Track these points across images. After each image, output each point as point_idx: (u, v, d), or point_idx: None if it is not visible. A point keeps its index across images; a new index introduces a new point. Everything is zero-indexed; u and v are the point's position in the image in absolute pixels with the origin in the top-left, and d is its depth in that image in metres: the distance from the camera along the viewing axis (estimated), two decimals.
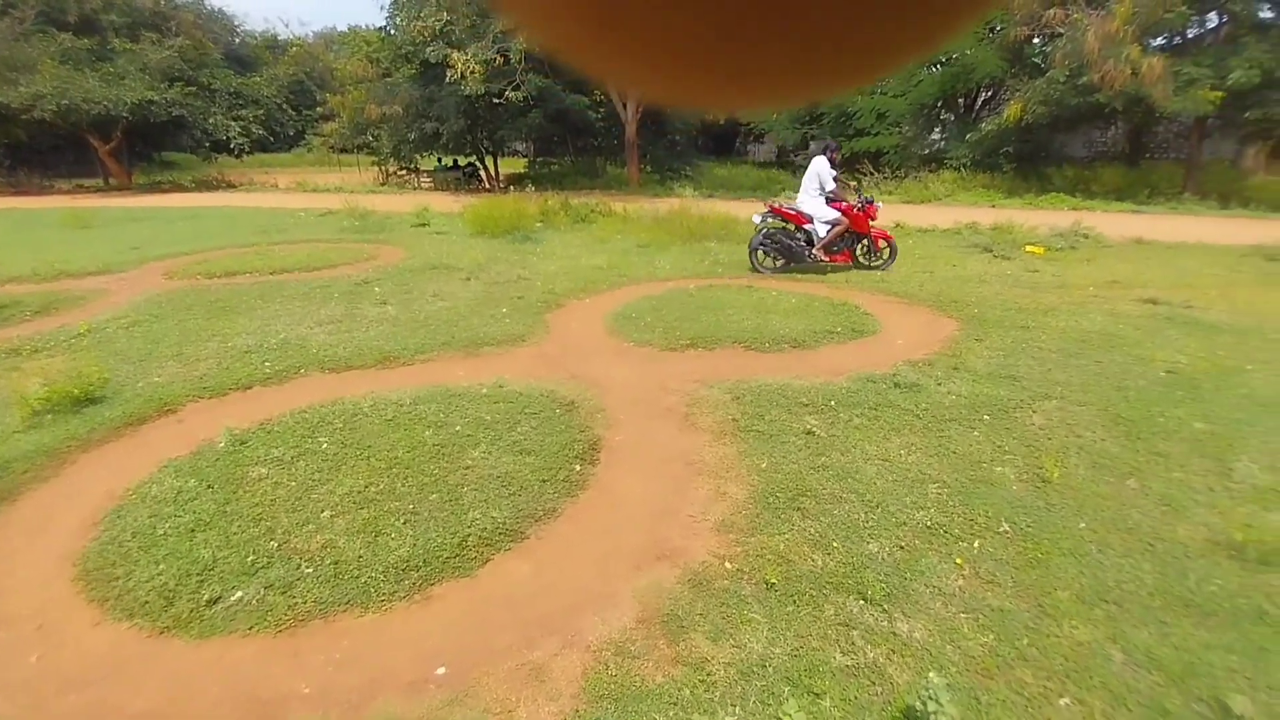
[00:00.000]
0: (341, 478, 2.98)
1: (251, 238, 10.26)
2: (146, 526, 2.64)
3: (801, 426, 3.53)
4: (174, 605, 2.23)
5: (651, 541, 2.60)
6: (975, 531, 2.60)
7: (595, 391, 4.06)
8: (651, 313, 5.81)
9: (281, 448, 3.24)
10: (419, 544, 2.50)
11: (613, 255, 8.73)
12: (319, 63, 28.46)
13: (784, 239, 7.55)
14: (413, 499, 2.82)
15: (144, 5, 20.49)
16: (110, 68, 18.50)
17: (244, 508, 2.75)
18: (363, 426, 3.50)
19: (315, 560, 2.42)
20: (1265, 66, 12.12)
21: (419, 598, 2.27)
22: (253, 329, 5.24)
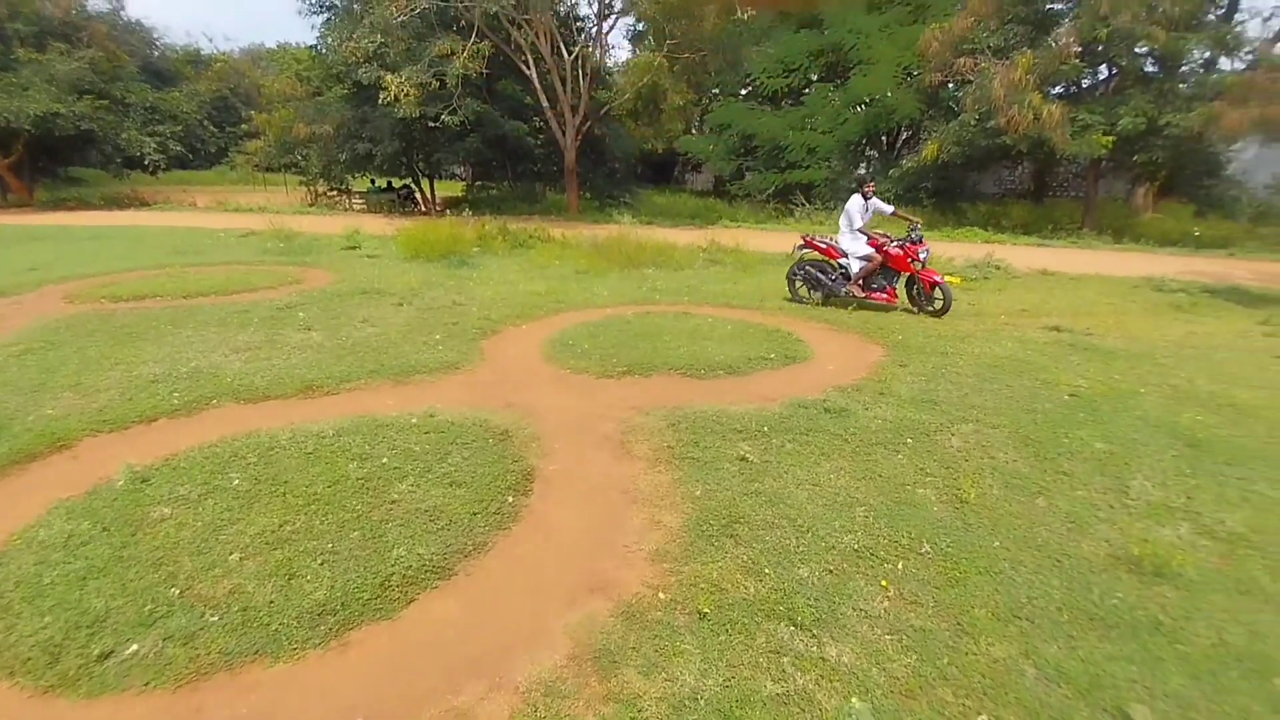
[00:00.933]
0: (254, 516, 2.81)
1: (164, 259, 9.69)
2: (31, 575, 2.40)
3: (736, 453, 3.57)
4: (60, 661, 2.03)
5: (585, 574, 2.55)
6: (899, 553, 2.68)
7: (530, 420, 4.00)
8: (589, 339, 5.80)
9: (188, 485, 3.03)
10: (337, 586, 2.37)
11: (551, 281, 8.70)
12: (245, 79, 27.45)
13: (817, 272, 7.48)
14: (332, 538, 2.68)
15: (52, 14, 19.26)
16: (13, 78, 17.25)
17: (143, 552, 2.54)
18: (279, 460, 3.31)
19: (221, 607, 2.25)
20: (1149, 115, 13.39)
21: (336, 644, 2.15)
22: (161, 357, 4.92)
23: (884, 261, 7.10)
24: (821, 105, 19.60)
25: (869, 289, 7.27)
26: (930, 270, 7.09)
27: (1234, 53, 14.50)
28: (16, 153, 18.82)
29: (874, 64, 18.37)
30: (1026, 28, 15.08)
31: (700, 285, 8.70)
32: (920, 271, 7.03)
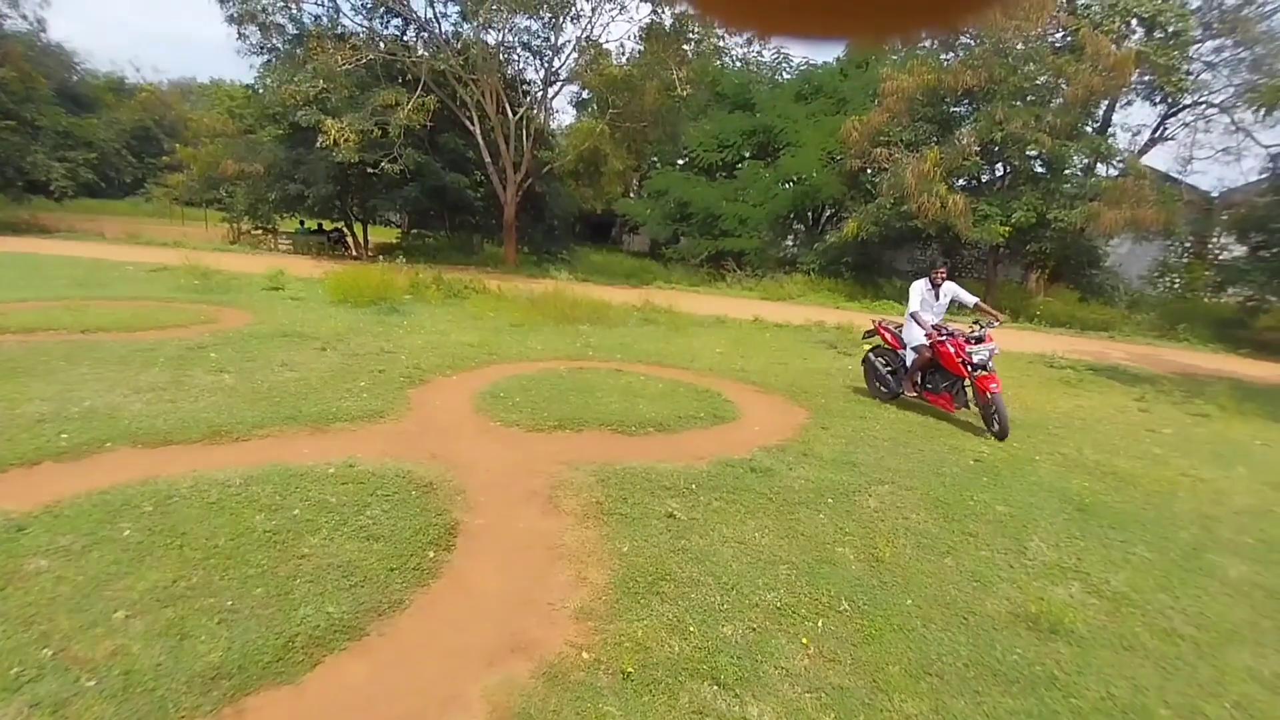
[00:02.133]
0: (145, 571, 2.58)
1: (63, 291, 9.01)
2: None
3: (664, 509, 3.59)
4: None
5: (506, 633, 2.47)
6: (820, 610, 2.74)
7: (456, 472, 3.90)
8: (520, 392, 5.76)
9: (71, 535, 2.76)
10: (234, 647, 2.20)
11: (484, 333, 8.63)
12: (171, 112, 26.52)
13: (878, 361, 6.64)
14: (232, 594, 2.49)
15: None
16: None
17: (13, 608, 2.28)
18: (178, 511, 3.08)
19: (100, 671, 2.04)
20: (1039, 210, 14.94)
21: (229, 712, 1.98)
22: (50, 394, 4.53)
23: (933, 358, 5.95)
24: (753, 180, 20.79)
25: (924, 388, 6.16)
26: (989, 376, 5.58)
27: (1108, 160, 16.52)
28: None
29: (801, 146, 19.77)
30: (934, 126, 16.71)
31: (633, 343, 8.84)
32: (976, 377, 5.61)
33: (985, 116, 15.14)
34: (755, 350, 9.13)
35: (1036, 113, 14.87)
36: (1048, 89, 15.63)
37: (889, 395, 6.46)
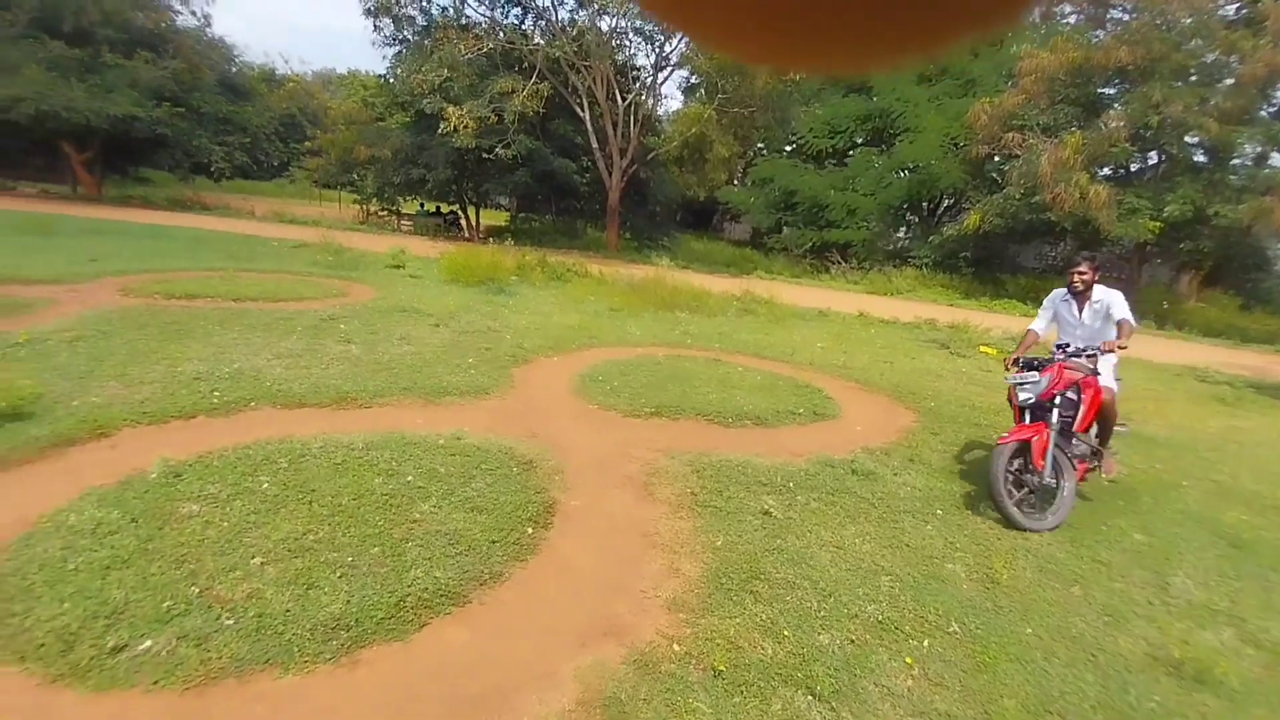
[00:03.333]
0: (279, 522, 2.83)
1: (218, 262, 10.06)
2: (56, 559, 2.43)
3: (759, 506, 3.51)
4: (73, 651, 2.03)
5: (599, 616, 2.50)
6: (925, 630, 2.58)
7: (555, 453, 3.99)
8: (618, 377, 5.82)
9: (218, 484, 3.07)
10: (353, 601, 2.36)
11: (585, 316, 8.80)
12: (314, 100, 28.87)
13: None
14: (352, 551, 2.68)
15: (144, 25, 20.62)
16: (99, 80, 18.40)
17: (168, 547, 2.57)
18: (309, 468, 3.35)
19: (238, 611, 2.26)
20: (1197, 204, 13.26)
21: (346, 661, 2.12)
22: (206, 355, 5.06)
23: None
24: (865, 168, 19.84)
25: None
26: (1039, 428, 3.64)
27: None
28: (92, 149, 19.92)
29: (920, 132, 18.61)
30: (1076, 109, 15.19)
31: (732, 333, 8.71)
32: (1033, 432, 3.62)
33: (1139, 98, 13.58)
34: (859, 346, 8.74)
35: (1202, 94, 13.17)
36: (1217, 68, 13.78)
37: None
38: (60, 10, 18.57)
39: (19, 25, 17.93)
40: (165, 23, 21.76)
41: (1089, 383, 3.79)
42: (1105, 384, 3.85)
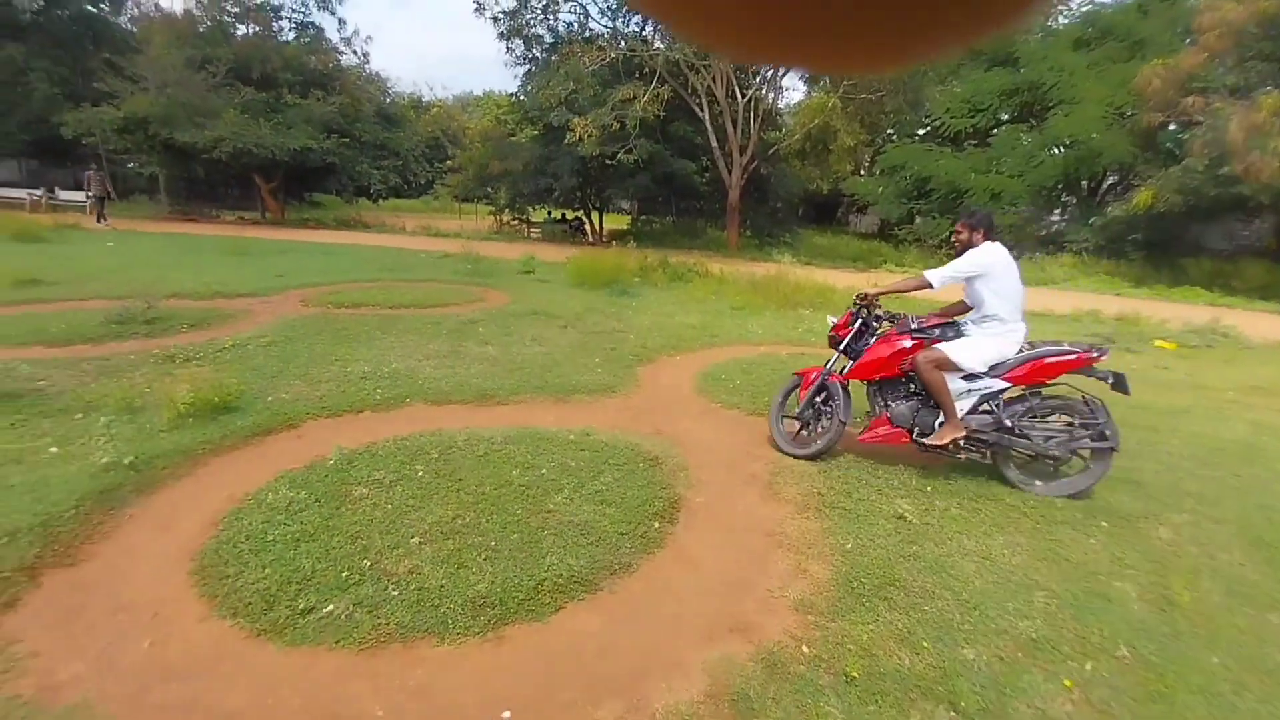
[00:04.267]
0: (432, 506, 3.12)
1: (377, 274, 11.19)
2: (259, 531, 2.85)
3: (892, 510, 3.36)
4: (273, 610, 2.38)
5: (725, 612, 2.52)
6: (1088, 652, 2.34)
7: (679, 450, 4.06)
8: (741, 375, 5.79)
9: (383, 471, 3.44)
10: (497, 582, 2.55)
11: (706, 315, 8.82)
12: (454, 122, 31.32)
13: None
14: (495, 536, 2.90)
15: (315, 67, 23.42)
16: (281, 118, 21.14)
17: (344, 524, 2.93)
18: (456, 459, 3.66)
19: (402, 584, 2.52)
20: None
21: (492, 636, 2.31)
22: (370, 357, 5.66)
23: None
24: (1011, 147, 18.19)
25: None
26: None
27: None
28: (276, 179, 22.91)
29: (1078, 103, 16.76)
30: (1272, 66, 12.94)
31: None
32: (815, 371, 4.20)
33: None
34: None
35: None
36: None
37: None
38: (250, 61, 21.56)
39: (219, 76, 21.02)
40: (333, 63, 24.56)
41: (889, 339, 3.89)
42: (951, 353, 3.65)
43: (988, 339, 3.69)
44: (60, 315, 6.49)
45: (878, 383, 3.96)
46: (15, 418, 3.85)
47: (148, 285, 7.86)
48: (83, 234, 14.87)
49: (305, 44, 24.51)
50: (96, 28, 24.61)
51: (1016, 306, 3.69)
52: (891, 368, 3.85)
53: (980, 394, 3.68)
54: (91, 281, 8.53)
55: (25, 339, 5.54)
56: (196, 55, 20.85)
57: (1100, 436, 3.59)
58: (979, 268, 3.64)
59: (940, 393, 3.64)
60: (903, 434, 3.81)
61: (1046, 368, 3.63)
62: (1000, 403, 3.70)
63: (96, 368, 4.95)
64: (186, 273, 9.85)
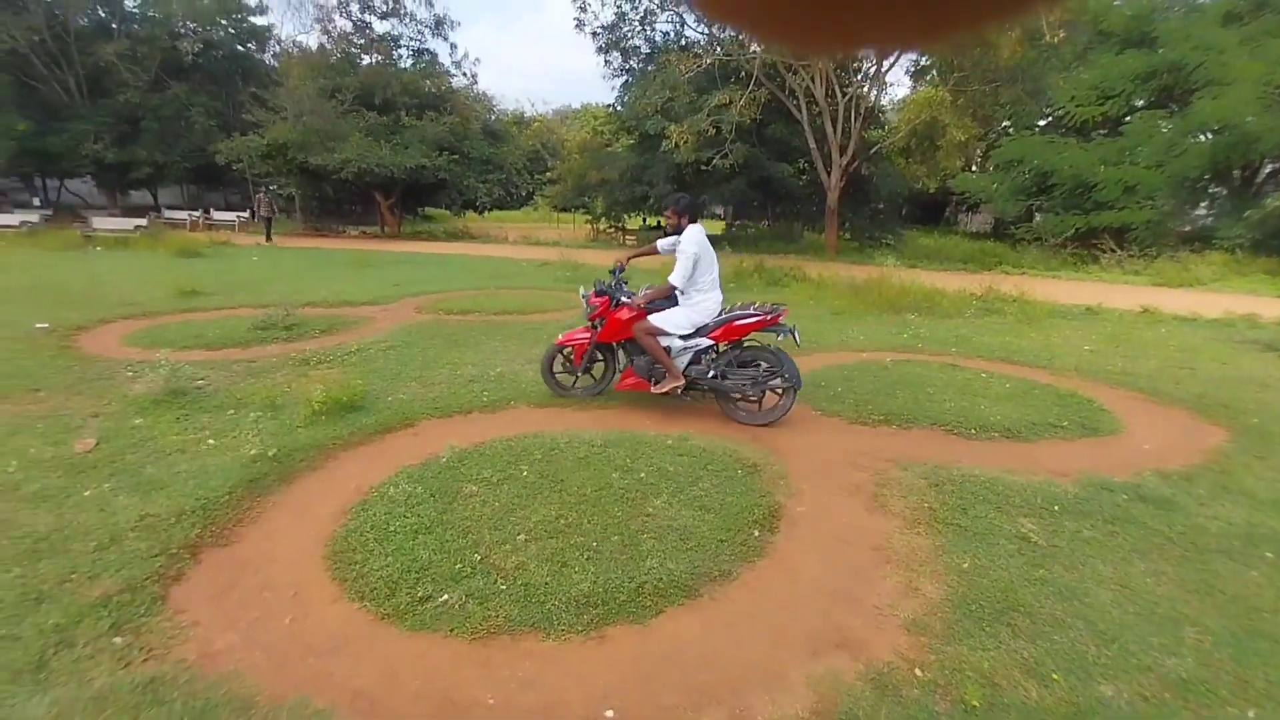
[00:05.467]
0: (537, 505, 3.23)
1: (483, 282, 11.77)
2: (382, 522, 3.07)
3: (1014, 530, 3.13)
4: (395, 596, 2.55)
5: (829, 626, 2.44)
6: (1250, 697, 2.07)
7: (778, 457, 3.98)
8: (842, 382, 5.60)
9: (490, 470, 3.61)
10: (599, 582, 2.61)
11: (804, 321, 8.57)
12: (553, 135, 32.49)
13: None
14: (596, 537, 2.96)
15: (430, 90, 25.06)
16: (399, 139, 22.77)
17: (457, 519, 3.09)
18: (558, 460, 3.78)
19: (510, 579, 2.63)
20: None
21: (594, 635, 2.36)
22: (477, 361, 5.96)
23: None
24: (1147, 135, 16.50)
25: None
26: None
27: None
28: (394, 196, 24.67)
29: (1228, 84, 14.96)
30: None
31: (972, 336, 7.85)
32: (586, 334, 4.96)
33: None
34: (1144, 349, 7.29)
35: None
36: None
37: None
38: (373, 88, 23.40)
39: (347, 103, 22.93)
40: (445, 86, 26.19)
41: (619, 312, 4.67)
42: (656, 322, 4.53)
43: (689, 308, 4.53)
44: (215, 322, 7.31)
45: (624, 342, 4.79)
46: (180, 412, 4.37)
47: (286, 295, 8.70)
48: (233, 249, 16.66)
49: (421, 69, 26.29)
50: (245, 65, 27.54)
51: (714, 279, 4.56)
52: (625, 333, 4.65)
53: (694, 350, 4.57)
54: (240, 292, 9.54)
55: (187, 343, 6.27)
56: (328, 85, 22.86)
57: (780, 378, 4.53)
58: (698, 250, 4.40)
59: (655, 352, 4.51)
60: (644, 383, 4.66)
61: (738, 328, 4.53)
62: (713, 356, 4.63)
63: (245, 369, 5.52)
64: (318, 283, 10.80)
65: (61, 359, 5.60)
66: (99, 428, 4.09)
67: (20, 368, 5.26)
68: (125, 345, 6.26)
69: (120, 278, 10.60)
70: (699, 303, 4.53)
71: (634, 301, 4.61)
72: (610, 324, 4.71)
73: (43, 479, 3.37)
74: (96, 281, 10.12)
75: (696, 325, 4.53)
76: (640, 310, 4.58)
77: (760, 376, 4.57)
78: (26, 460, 3.58)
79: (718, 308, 4.58)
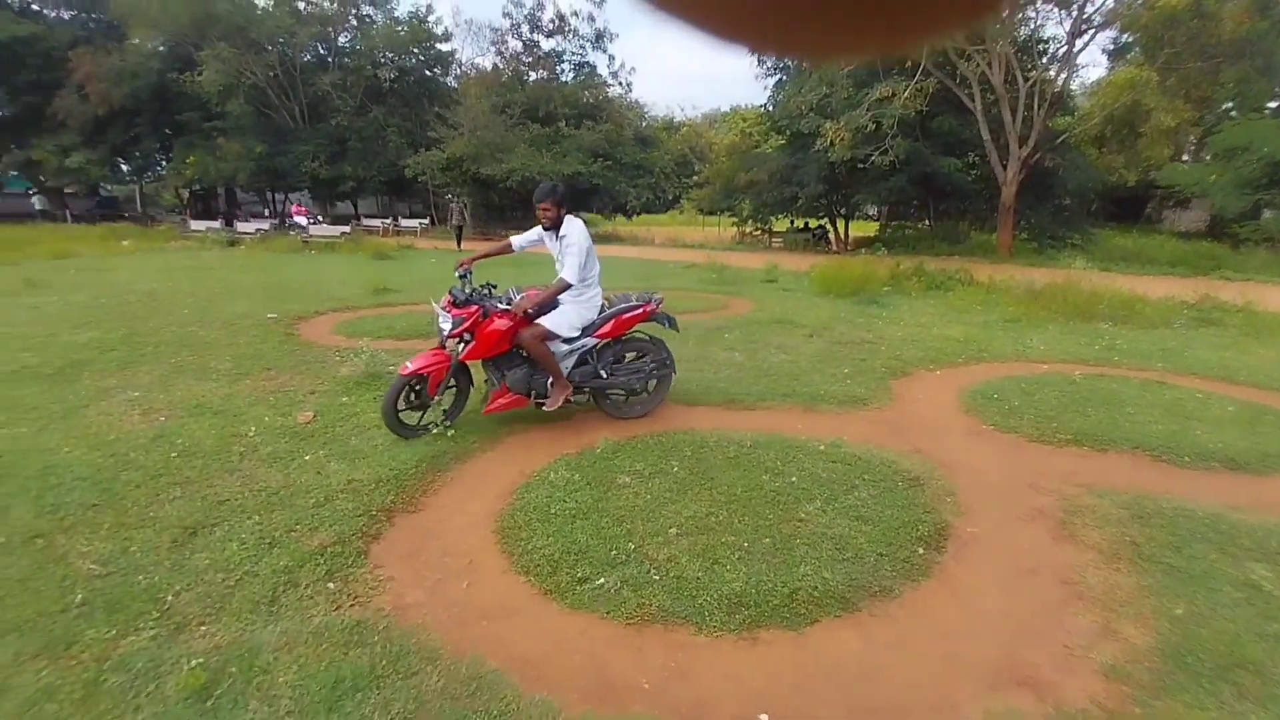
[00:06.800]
0: (687, 501, 3.27)
1: (632, 283, 12.11)
2: (542, 505, 3.27)
3: (1242, 575, 2.66)
4: (556, 574, 2.70)
5: (1010, 661, 2.23)
6: None
7: (944, 472, 3.70)
8: (1020, 396, 5.08)
9: (642, 463, 3.71)
10: (751, 583, 2.58)
11: (972, 327, 7.91)
12: (701, 139, 32.70)
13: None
14: (747, 537, 2.93)
15: (588, 100, 26.33)
16: (559, 148, 24.18)
17: (611, 507, 3.22)
18: (707, 458, 3.79)
19: (661, 569, 2.69)
20: None
21: (746, 636, 2.34)
22: None
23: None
24: None
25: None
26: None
27: None
28: None
29: None
30: None
31: (1183, 349, 6.77)
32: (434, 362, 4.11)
33: None
34: None
35: None
36: None
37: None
38: (538, 102, 25.09)
39: (514, 117, 24.73)
40: (602, 96, 27.38)
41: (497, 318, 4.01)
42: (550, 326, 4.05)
43: (576, 306, 4.14)
44: (401, 315, 8.20)
45: (494, 358, 4.15)
46: (377, 393, 4.94)
47: None
48: (416, 252, 18.61)
49: (580, 81, 27.68)
50: (431, 88, 30.61)
51: (597, 273, 4.25)
52: (503, 346, 4.08)
53: (580, 352, 4.24)
54: (421, 289, 10.64)
55: (380, 333, 7.10)
56: (499, 101, 24.81)
57: (663, 365, 4.55)
58: (587, 241, 4.04)
59: (546, 362, 4.07)
60: (522, 399, 4.16)
61: (625, 321, 4.35)
62: (595, 354, 4.32)
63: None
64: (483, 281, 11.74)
65: (287, 344, 6.59)
66: (316, 403, 4.76)
67: (258, 350, 6.26)
68: (334, 334, 7.22)
69: (329, 276, 12.26)
70: (589, 299, 4.19)
71: (517, 307, 4.00)
72: (483, 338, 4.00)
73: (274, 443, 3.99)
74: (311, 279, 11.79)
75: (586, 324, 4.19)
76: (523, 317, 4.02)
77: (645, 368, 4.48)
78: (262, 427, 4.25)
79: (601, 303, 4.32)
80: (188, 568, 2.68)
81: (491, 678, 2.11)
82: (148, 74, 26.20)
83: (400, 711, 1.96)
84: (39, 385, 4.99)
